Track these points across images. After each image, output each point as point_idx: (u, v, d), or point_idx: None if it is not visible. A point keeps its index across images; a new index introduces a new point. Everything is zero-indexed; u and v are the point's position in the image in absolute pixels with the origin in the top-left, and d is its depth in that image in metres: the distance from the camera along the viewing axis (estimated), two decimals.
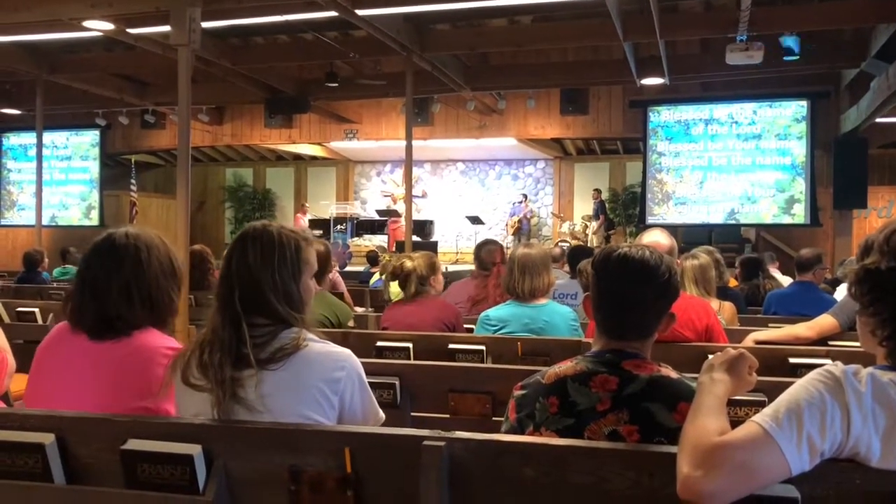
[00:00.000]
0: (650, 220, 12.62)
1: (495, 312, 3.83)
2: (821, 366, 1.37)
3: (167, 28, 6.54)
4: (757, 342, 3.56)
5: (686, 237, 12.69)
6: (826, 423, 1.28)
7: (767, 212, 12.52)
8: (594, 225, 15.42)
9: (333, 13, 8.27)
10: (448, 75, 11.43)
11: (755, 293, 6.03)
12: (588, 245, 13.63)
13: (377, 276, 8.44)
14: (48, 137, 14.49)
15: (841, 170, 12.04)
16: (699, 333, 3.36)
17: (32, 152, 13.89)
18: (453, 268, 13.15)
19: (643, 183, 13.28)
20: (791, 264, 6.35)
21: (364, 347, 3.43)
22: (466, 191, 18.54)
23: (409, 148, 10.48)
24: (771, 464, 1.27)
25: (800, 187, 12.30)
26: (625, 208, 16.69)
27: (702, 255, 4.29)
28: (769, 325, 4.29)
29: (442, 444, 1.55)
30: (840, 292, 5.46)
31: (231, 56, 11.36)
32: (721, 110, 12.68)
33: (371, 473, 1.62)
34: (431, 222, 16.60)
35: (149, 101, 14.25)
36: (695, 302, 3.55)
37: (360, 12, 8.24)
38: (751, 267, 6.47)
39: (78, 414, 1.84)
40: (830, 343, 3.58)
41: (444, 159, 18.34)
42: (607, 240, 14.90)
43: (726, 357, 1.55)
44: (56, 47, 11.72)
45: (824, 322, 3.67)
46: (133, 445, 1.69)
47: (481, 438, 1.58)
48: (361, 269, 11.52)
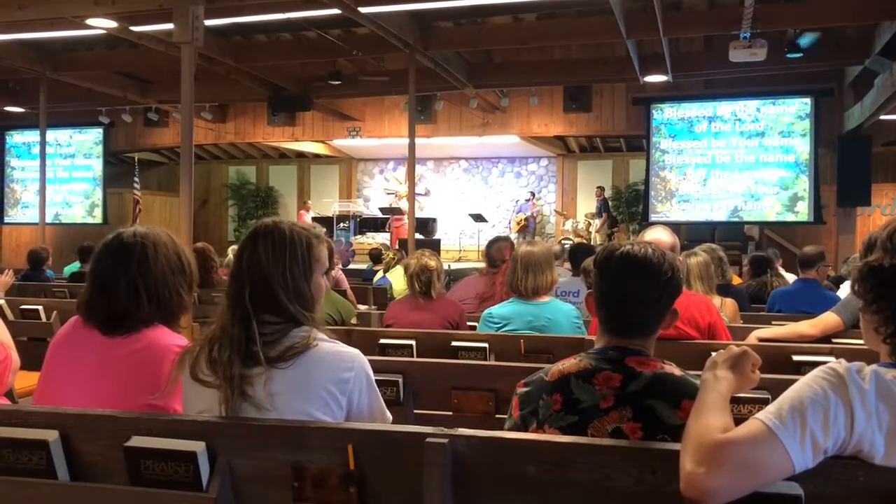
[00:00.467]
0: (653, 218, 12.58)
1: (498, 310, 3.83)
2: (824, 363, 1.37)
3: (170, 26, 6.54)
4: (760, 340, 3.56)
5: (689, 235, 12.68)
6: (829, 421, 1.28)
7: (771, 209, 12.49)
8: (597, 223, 15.41)
9: (336, 11, 8.27)
10: (451, 73, 11.42)
11: (762, 289, 6.06)
12: (591, 243, 13.61)
13: (381, 274, 8.45)
14: (52, 135, 14.49)
15: (844, 167, 12.02)
16: (702, 331, 3.36)
17: (36, 150, 13.89)
18: (456, 265, 13.15)
19: (646, 180, 13.26)
20: (794, 262, 6.37)
21: (367, 345, 3.43)
22: (469, 188, 18.53)
23: (412, 146, 10.48)
24: (774, 461, 1.26)
25: (803, 185, 12.27)
26: (628, 206, 16.68)
27: (702, 252, 4.30)
28: (772, 323, 4.29)
29: (445, 442, 1.55)
30: (844, 290, 5.45)
31: (234, 54, 11.36)
32: (724, 108, 12.65)
33: (374, 470, 1.63)
34: (434, 220, 16.59)
35: (152, 99, 14.26)
36: (698, 299, 3.55)
37: (364, 10, 8.24)
38: (760, 264, 6.62)
39: (82, 411, 1.84)
40: (834, 340, 3.58)
41: (447, 157, 18.33)
42: (610, 238, 14.87)
43: (729, 354, 1.55)
44: (59, 45, 11.74)
45: (828, 319, 3.67)
46: (137, 442, 1.70)
47: (484, 435, 1.58)
48: (364, 267, 11.52)
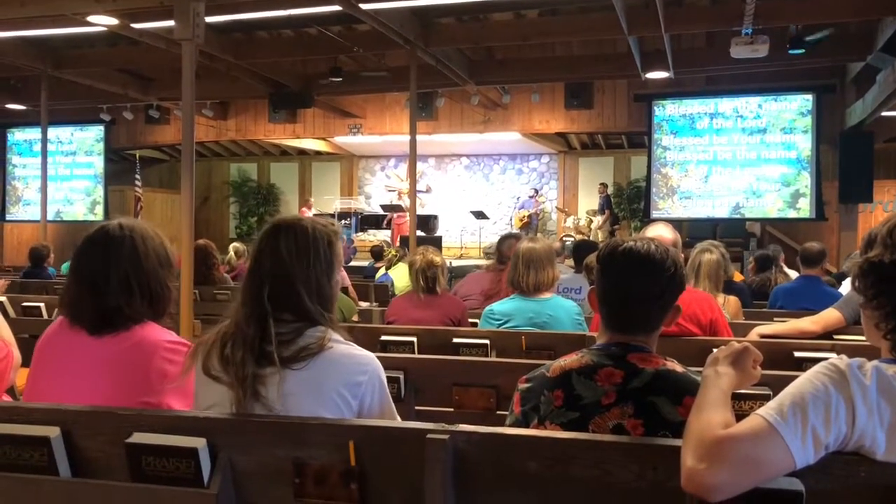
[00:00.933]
0: (655, 215, 12.56)
1: (500, 307, 3.84)
2: (826, 359, 1.37)
3: (171, 23, 6.53)
4: (762, 336, 3.56)
5: (691, 231, 12.67)
6: (830, 417, 1.28)
7: (773, 206, 12.46)
8: (599, 219, 15.40)
9: (337, 7, 8.26)
10: (452, 69, 11.41)
11: (765, 285, 6.10)
12: (592, 240, 13.60)
13: (382, 271, 8.45)
14: (53, 133, 14.47)
15: (846, 164, 11.98)
16: (704, 327, 3.36)
17: (37, 148, 13.88)
18: (458, 263, 13.15)
19: (648, 177, 13.23)
20: (795, 258, 6.40)
21: (369, 341, 3.42)
22: (470, 186, 18.52)
23: (414, 143, 10.47)
24: (775, 457, 1.26)
25: (805, 181, 12.24)
26: (629, 203, 16.66)
27: (715, 250, 4.30)
28: (774, 319, 4.29)
29: (446, 438, 1.55)
30: (845, 286, 5.46)
31: (235, 51, 11.34)
32: (726, 104, 12.62)
33: (375, 466, 1.62)
34: (435, 217, 16.59)
35: (153, 97, 14.25)
36: (700, 296, 3.55)
37: (364, 6, 8.23)
38: (765, 261, 6.78)
39: (83, 407, 1.84)
40: (836, 337, 3.59)
41: (449, 154, 18.32)
42: (612, 234, 14.87)
43: (731, 351, 1.55)
44: (61, 42, 11.72)
45: (829, 316, 3.67)
46: (138, 439, 1.69)
47: (485, 432, 1.58)
48: (366, 264, 11.51)
